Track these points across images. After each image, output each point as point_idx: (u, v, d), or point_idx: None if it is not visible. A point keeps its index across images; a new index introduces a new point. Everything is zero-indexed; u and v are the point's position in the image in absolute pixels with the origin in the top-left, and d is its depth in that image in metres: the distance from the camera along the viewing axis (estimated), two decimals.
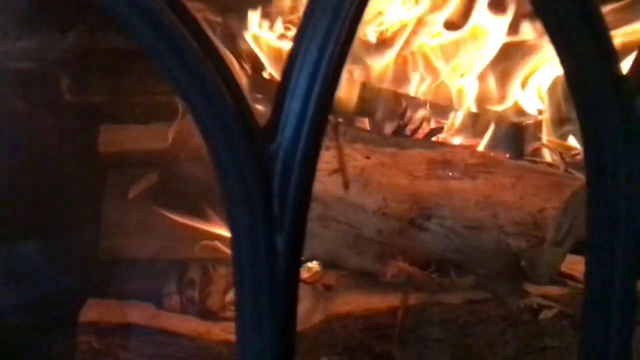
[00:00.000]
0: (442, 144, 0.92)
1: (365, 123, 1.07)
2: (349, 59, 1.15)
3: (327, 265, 0.90)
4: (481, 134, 1.10)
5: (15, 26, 1.06)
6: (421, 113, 1.00)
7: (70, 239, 1.07)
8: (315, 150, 0.39)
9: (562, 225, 0.77)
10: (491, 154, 0.92)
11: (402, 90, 1.06)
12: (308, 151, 0.39)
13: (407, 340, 0.77)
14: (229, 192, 0.39)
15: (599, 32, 0.42)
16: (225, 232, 0.95)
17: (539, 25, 1.11)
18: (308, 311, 0.79)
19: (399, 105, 1.04)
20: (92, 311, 0.79)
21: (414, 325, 0.78)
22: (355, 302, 0.80)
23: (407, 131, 0.97)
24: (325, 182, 0.84)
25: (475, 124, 1.11)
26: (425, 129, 1.03)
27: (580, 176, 0.97)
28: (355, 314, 0.78)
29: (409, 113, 0.97)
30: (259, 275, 0.39)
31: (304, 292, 0.83)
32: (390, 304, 0.79)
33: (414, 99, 1.07)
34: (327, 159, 0.86)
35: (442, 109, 1.09)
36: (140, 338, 0.76)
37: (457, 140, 1.09)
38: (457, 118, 1.09)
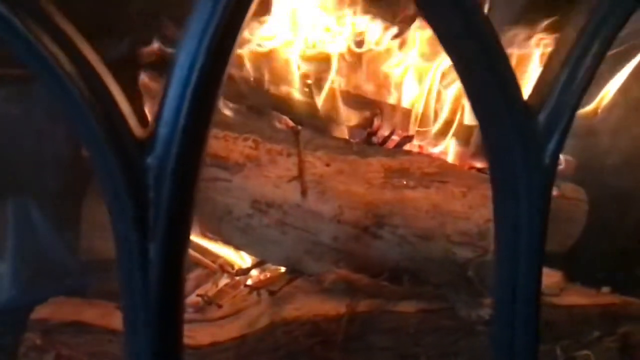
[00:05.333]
0: (407, 152, 0.92)
1: (341, 130, 1.08)
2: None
3: (289, 270, 0.91)
4: (464, 142, 1.10)
5: None
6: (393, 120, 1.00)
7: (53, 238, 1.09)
8: (189, 161, 0.40)
9: None
10: (450, 163, 0.92)
11: (378, 98, 1.07)
12: (180, 162, 0.40)
13: (354, 347, 0.78)
14: (105, 198, 0.41)
15: (498, 60, 0.43)
16: (192, 236, 0.97)
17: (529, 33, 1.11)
18: (255, 316, 0.80)
19: (373, 112, 1.04)
20: (45, 309, 0.81)
21: (362, 333, 0.78)
22: (306, 307, 0.81)
23: (377, 139, 0.98)
24: (284, 189, 0.86)
25: (458, 132, 1.11)
26: (400, 136, 1.03)
27: None
28: (303, 319, 0.79)
29: (376, 122, 0.97)
30: (133, 282, 0.41)
31: (252, 297, 0.85)
32: (340, 311, 0.80)
33: (391, 106, 1.07)
34: (287, 165, 0.87)
35: (422, 116, 1.09)
36: (87, 336, 0.78)
37: (438, 149, 1.09)
38: (435, 126, 1.09)
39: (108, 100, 0.39)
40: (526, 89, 0.47)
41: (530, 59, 1.06)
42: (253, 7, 0.40)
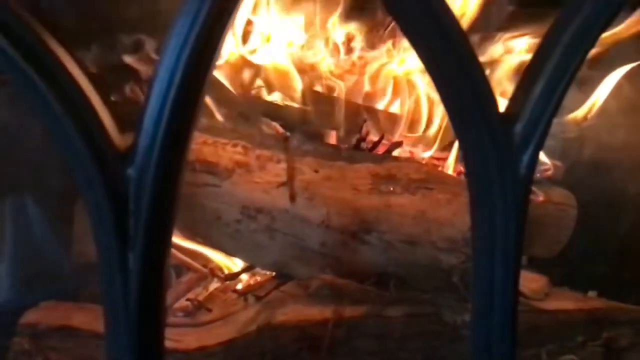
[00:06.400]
0: (395, 159, 0.93)
1: (331, 136, 1.09)
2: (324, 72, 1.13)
3: (278, 275, 0.92)
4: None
5: None
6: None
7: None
8: (169, 172, 0.41)
9: None
10: (436, 169, 0.93)
11: (367, 104, 1.08)
12: (160, 174, 0.41)
13: (340, 352, 0.79)
14: (86, 207, 0.41)
15: (473, 71, 0.44)
16: (183, 241, 0.98)
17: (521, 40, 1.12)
18: (243, 320, 0.81)
19: (362, 118, 1.05)
20: (35, 313, 0.82)
21: (348, 338, 0.79)
22: (293, 312, 0.82)
23: (366, 145, 0.99)
24: (273, 195, 0.86)
25: (449, 137, 1.11)
26: (389, 141, 1.04)
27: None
28: (289, 324, 0.80)
29: (365, 128, 0.98)
30: (114, 290, 0.42)
31: (241, 301, 0.86)
32: (327, 316, 0.80)
33: (381, 112, 1.08)
34: (276, 171, 0.88)
35: (412, 122, 1.10)
36: (75, 340, 0.79)
37: (428, 154, 1.10)
38: (425, 132, 1.10)
39: (88, 110, 0.40)
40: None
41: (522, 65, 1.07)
42: (232, 22, 0.41)
